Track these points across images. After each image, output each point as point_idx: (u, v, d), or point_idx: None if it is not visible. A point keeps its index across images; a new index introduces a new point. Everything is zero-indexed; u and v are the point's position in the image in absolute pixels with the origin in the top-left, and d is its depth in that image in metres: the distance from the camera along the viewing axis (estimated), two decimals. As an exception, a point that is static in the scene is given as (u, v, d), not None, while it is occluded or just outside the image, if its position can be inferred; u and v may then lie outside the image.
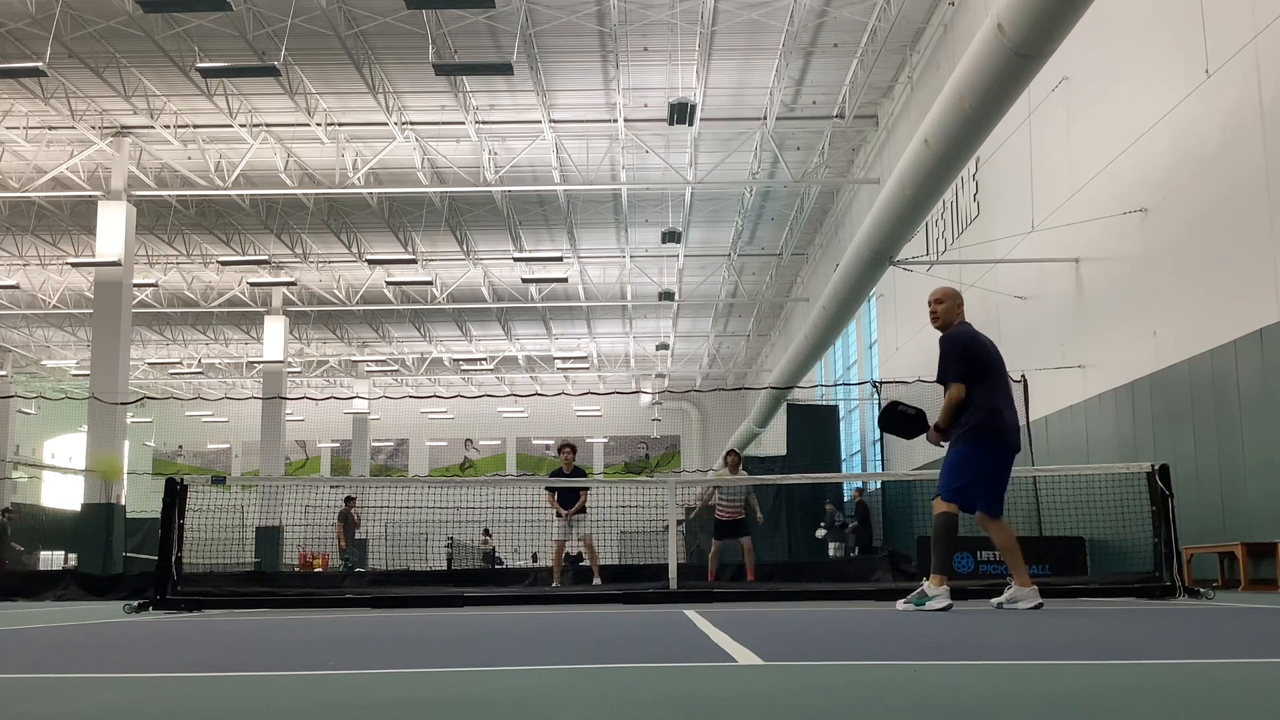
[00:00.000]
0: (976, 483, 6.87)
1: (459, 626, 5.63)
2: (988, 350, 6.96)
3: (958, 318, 7.07)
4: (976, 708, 2.13)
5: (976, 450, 6.82)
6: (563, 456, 13.57)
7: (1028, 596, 6.90)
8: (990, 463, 6.86)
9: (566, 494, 13.30)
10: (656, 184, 27.37)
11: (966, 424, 6.83)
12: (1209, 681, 2.56)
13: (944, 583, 6.76)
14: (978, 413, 6.80)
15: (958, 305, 7.09)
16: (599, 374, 49.45)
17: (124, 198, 24.96)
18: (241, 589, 11.33)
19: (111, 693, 2.69)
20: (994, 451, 6.84)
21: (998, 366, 6.96)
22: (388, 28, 19.93)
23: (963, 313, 7.14)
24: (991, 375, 6.88)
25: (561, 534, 13.42)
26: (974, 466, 6.84)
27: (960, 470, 6.85)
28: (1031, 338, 16.04)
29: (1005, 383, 6.99)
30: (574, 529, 13.33)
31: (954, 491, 6.85)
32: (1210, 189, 11.29)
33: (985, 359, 6.90)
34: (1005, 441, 6.85)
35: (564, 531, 13.37)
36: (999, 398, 6.86)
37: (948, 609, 6.62)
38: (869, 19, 20.10)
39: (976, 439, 6.81)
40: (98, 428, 23.85)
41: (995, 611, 6.62)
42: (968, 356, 6.84)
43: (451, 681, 2.82)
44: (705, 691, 2.51)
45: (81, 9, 19.29)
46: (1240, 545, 10.48)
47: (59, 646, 4.52)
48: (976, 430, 6.79)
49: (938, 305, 7.06)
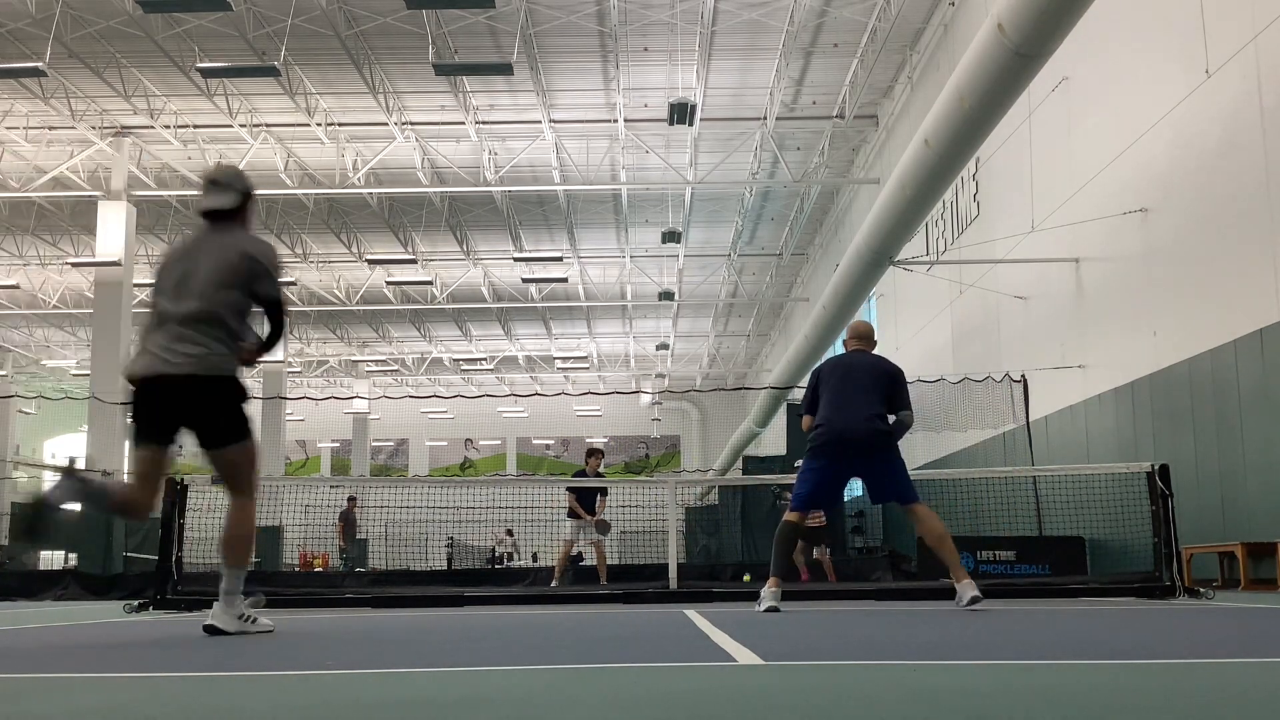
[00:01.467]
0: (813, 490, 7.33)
1: (459, 626, 5.63)
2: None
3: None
4: (976, 708, 2.13)
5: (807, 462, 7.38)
6: (590, 464, 13.62)
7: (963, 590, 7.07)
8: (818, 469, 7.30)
9: (587, 498, 13.34)
10: (656, 184, 27.37)
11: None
12: (1209, 681, 2.56)
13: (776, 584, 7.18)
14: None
15: (845, 340, 7.73)
16: (599, 374, 49.45)
17: (124, 198, 24.97)
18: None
19: (111, 693, 2.69)
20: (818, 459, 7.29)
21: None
22: (388, 28, 19.93)
23: (849, 347, 7.61)
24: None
25: (572, 534, 13.42)
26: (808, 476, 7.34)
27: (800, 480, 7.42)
28: (1031, 338, 16.04)
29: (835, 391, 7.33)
30: (584, 533, 13.33)
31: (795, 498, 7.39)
32: (1210, 189, 11.29)
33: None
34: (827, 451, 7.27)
35: (575, 533, 13.37)
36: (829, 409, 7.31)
37: (772, 610, 6.90)
38: (869, 19, 20.10)
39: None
40: (98, 428, 23.86)
41: (995, 612, 6.62)
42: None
43: (451, 681, 2.82)
44: (705, 691, 2.51)
45: (81, 9, 19.30)
46: (1240, 545, 10.49)
47: (59, 646, 4.52)
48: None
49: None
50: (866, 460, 7.15)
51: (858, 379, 7.25)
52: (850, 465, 7.20)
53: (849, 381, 7.25)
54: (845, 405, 7.17)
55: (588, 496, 13.36)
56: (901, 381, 7.36)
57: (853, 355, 7.47)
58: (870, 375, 7.28)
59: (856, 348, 7.55)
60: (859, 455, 7.13)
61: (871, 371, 7.30)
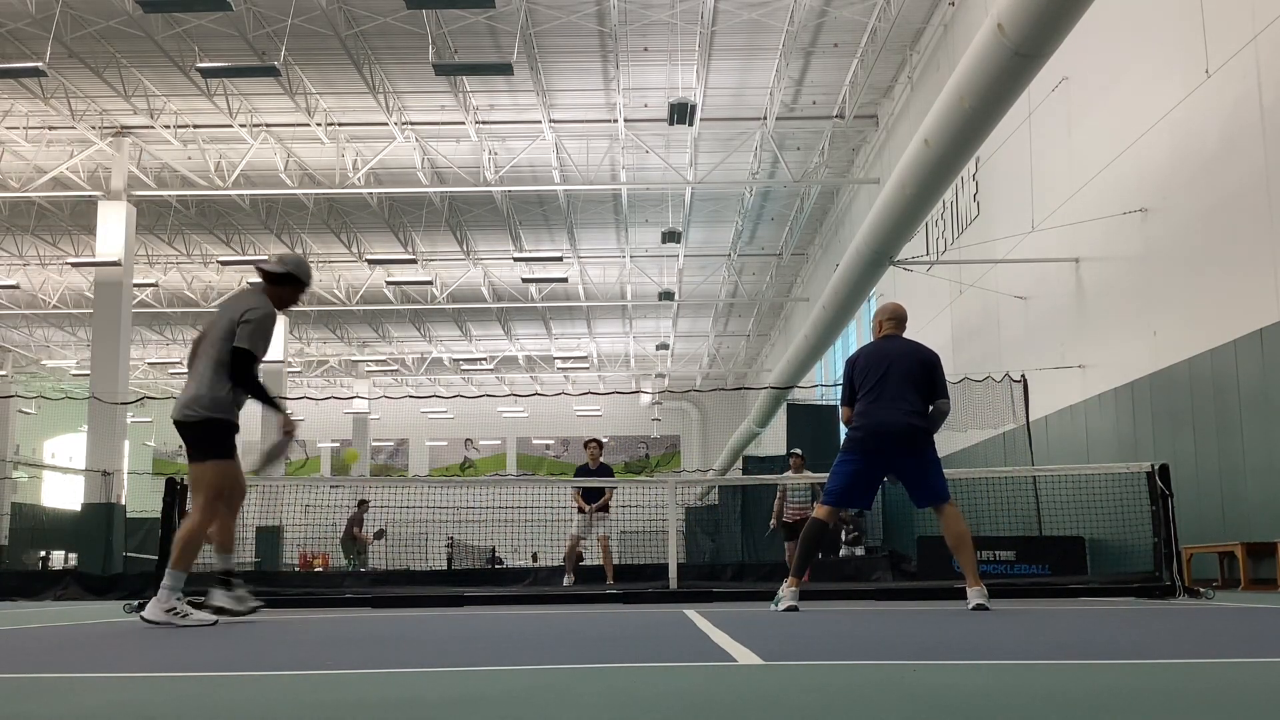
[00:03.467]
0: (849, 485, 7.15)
1: (459, 626, 5.63)
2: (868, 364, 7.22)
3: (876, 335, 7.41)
4: (976, 708, 2.13)
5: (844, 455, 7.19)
6: (588, 451, 13.58)
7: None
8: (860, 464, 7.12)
9: (590, 490, 13.29)
10: (656, 184, 27.38)
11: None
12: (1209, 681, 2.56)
13: (795, 584, 7.03)
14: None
15: (877, 323, 7.43)
16: (599, 374, 49.46)
17: (124, 198, 24.96)
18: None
19: (111, 693, 2.69)
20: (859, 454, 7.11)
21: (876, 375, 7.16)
22: (388, 28, 19.93)
23: (882, 330, 7.36)
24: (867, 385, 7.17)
25: (580, 530, 13.35)
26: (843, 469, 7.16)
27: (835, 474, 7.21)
28: (1031, 338, 16.04)
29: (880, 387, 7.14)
30: (594, 528, 13.24)
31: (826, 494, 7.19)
32: (1210, 189, 11.28)
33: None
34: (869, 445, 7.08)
35: (583, 529, 13.30)
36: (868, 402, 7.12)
37: (792, 610, 6.82)
38: (869, 19, 20.10)
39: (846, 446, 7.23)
40: (98, 428, 23.86)
41: (994, 612, 6.62)
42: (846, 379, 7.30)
43: (451, 681, 2.82)
44: (705, 691, 2.50)
45: (81, 9, 19.30)
46: (1240, 545, 10.48)
47: (59, 646, 4.52)
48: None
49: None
50: (905, 456, 6.96)
51: (898, 370, 7.03)
52: (889, 461, 7.01)
53: (889, 373, 7.03)
54: (885, 398, 6.97)
55: (591, 489, 13.32)
56: (940, 368, 7.17)
57: (889, 343, 7.21)
58: (910, 365, 7.05)
59: (891, 331, 7.30)
60: (897, 451, 6.95)
61: (911, 361, 7.07)
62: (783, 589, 6.99)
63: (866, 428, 6.99)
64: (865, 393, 7.06)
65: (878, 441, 6.96)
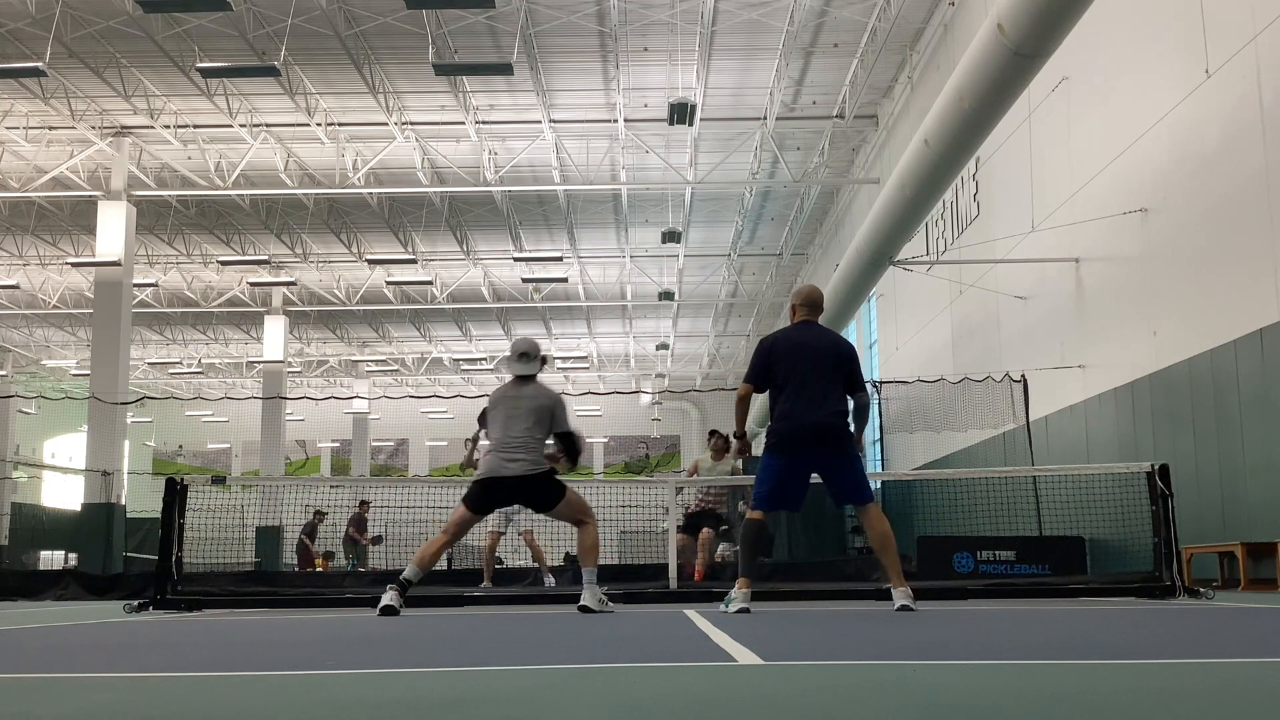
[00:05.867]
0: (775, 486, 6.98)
1: (459, 626, 5.63)
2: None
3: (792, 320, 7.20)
4: (976, 708, 2.13)
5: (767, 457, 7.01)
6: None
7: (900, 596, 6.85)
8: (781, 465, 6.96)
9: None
10: (656, 184, 27.37)
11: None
12: (1209, 681, 2.56)
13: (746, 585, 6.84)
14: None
15: (791, 308, 7.25)
16: (599, 374, 49.45)
17: (124, 198, 24.96)
18: (241, 589, 11.30)
19: (111, 693, 2.69)
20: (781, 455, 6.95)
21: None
22: (388, 28, 19.93)
23: (797, 315, 7.16)
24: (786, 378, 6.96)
25: (498, 524, 12.12)
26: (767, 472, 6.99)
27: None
28: (1031, 338, 16.04)
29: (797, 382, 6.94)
30: (511, 522, 12.20)
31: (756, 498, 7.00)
32: (1210, 189, 11.29)
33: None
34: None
35: (499, 523, 12.12)
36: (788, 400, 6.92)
37: (743, 611, 6.62)
38: (869, 19, 20.10)
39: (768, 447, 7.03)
40: (98, 428, 23.86)
41: (995, 612, 6.61)
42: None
43: (451, 681, 2.82)
44: (705, 691, 2.50)
45: (81, 9, 19.29)
46: (1240, 545, 10.49)
47: (59, 646, 4.52)
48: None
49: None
50: (828, 455, 6.82)
51: (820, 365, 6.84)
52: (812, 460, 6.86)
53: (810, 367, 6.83)
54: (807, 397, 6.79)
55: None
56: (857, 360, 7.01)
57: (807, 331, 6.99)
58: (830, 359, 6.86)
59: (806, 317, 7.07)
60: (820, 450, 6.81)
61: (831, 355, 6.88)
62: (734, 590, 6.78)
63: (788, 428, 6.83)
64: (787, 390, 6.85)
65: (801, 441, 6.81)
